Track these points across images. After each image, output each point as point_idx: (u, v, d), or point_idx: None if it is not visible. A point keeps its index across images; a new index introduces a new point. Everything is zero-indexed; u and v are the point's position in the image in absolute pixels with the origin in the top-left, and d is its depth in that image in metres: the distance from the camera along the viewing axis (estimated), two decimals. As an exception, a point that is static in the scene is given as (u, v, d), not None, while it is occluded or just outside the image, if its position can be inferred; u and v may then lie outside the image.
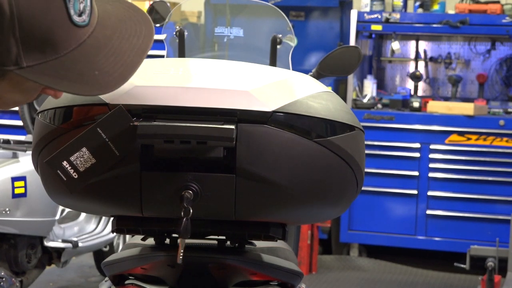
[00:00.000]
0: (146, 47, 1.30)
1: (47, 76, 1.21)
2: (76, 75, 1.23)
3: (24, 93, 1.27)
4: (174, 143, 1.66)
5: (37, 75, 1.20)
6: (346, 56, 2.85)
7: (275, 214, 1.78)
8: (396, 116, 6.38)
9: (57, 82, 1.22)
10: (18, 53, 1.18)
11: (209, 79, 1.74)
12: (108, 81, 1.25)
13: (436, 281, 5.95)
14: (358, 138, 1.80)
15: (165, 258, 1.89)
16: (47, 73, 1.21)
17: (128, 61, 1.27)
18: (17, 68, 1.19)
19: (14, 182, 4.20)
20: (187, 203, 1.66)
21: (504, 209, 6.13)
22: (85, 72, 1.23)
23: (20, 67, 1.19)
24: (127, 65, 1.27)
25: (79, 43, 1.23)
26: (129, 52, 1.27)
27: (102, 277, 5.34)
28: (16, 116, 5.59)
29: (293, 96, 1.73)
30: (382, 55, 7.26)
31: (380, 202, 6.37)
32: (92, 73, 1.23)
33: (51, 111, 1.76)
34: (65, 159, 1.65)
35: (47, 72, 1.21)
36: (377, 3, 6.70)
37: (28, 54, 1.19)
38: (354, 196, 1.85)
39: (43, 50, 1.20)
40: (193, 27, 5.38)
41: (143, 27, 1.34)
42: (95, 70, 1.23)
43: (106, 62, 1.24)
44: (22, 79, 1.22)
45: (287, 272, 1.97)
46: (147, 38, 1.32)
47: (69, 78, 1.22)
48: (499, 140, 6.17)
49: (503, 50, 6.89)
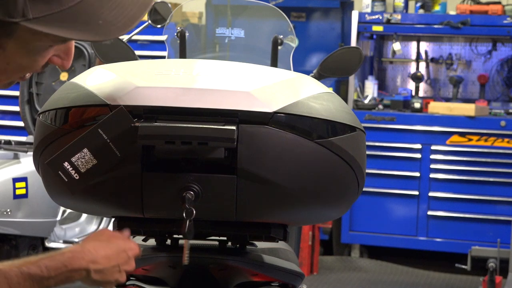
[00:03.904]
0: (148, 3, 1.35)
1: (53, 26, 1.26)
2: (80, 25, 1.28)
3: (30, 55, 1.31)
4: (175, 144, 1.66)
5: (43, 26, 1.25)
6: (347, 57, 2.85)
7: (276, 215, 1.78)
8: (397, 117, 6.38)
9: (62, 31, 1.27)
10: (24, 4, 1.23)
11: (210, 80, 1.74)
12: (111, 29, 1.30)
13: (437, 282, 5.95)
14: (359, 139, 1.80)
15: (167, 259, 1.89)
16: (54, 24, 1.26)
17: (131, 14, 1.32)
18: (24, 19, 1.24)
19: (15, 183, 4.20)
20: (188, 204, 1.66)
21: (505, 210, 6.13)
22: (89, 22, 1.28)
23: (26, 19, 1.24)
24: (130, 17, 1.32)
25: None
26: (132, 6, 1.32)
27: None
28: (17, 117, 5.59)
29: (294, 97, 1.73)
30: (383, 56, 7.25)
31: (381, 203, 6.37)
32: (96, 22, 1.28)
33: (52, 112, 1.76)
34: (66, 160, 1.66)
35: (53, 23, 1.26)
36: (378, 4, 6.70)
37: (34, 6, 1.24)
38: (355, 197, 1.85)
39: (49, 2, 1.25)
40: (194, 28, 5.38)
41: None
42: (99, 20, 1.28)
43: (109, 14, 1.29)
44: (29, 38, 1.27)
45: (288, 273, 1.97)
46: None
47: (74, 27, 1.27)
48: (500, 141, 6.17)
49: (504, 51, 6.89)
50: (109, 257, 1.65)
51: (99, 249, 1.64)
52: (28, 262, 1.58)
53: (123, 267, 1.67)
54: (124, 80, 1.73)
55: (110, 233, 1.71)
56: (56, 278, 1.59)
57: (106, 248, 1.65)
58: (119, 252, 1.67)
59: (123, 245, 1.68)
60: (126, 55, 2.90)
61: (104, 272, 1.64)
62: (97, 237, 1.69)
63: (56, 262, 1.59)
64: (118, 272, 1.67)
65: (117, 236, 1.70)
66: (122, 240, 1.70)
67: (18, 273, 1.55)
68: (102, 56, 2.95)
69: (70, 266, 1.60)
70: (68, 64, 1.39)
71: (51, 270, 1.58)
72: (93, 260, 1.63)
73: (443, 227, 6.27)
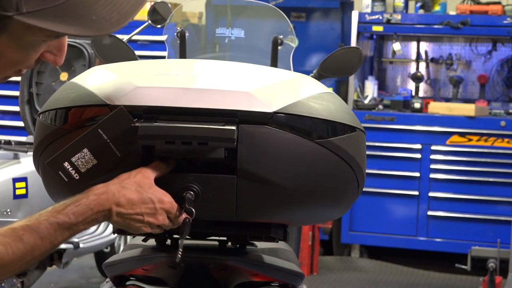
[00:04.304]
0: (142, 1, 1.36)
1: (46, 21, 1.26)
2: (74, 20, 1.28)
3: (23, 50, 1.32)
4: (175, 144, 1.66)
5: (37, 20, 1.26)
6: (347, 57, 2.85)
7: (276, 215, 1.78)
8: (397, 117, 6.38)
9: (55, 25, 1.27)
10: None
11: (210, 80, 1.75)
12: (104, 25, 1.31)
13: (437, 282, 5.95)
14: (359, 139, 1.80)
15: (166, 259, 1.89)
16: (47, 19, 1.26)
17: (124, 10, 1.32)
18: (18, 13, 1.25)
19: (15, 183, 4.20)
20: (189, 204, 1.66)
21: (505, 210, 6.13)
22: (83, 17, 1.28)
23: (20, 13, 1.25)
24: (123, 14, 1.32)
25: None
26: (125, 3, 1.33)
27: (103, 278, 5.34)
28: (17, 117, 5.60)
29: (294, 97, 1.73)
30: (383, 56, 7.25)
31: (381, 203, 6.37)
32: (89, 18, 1.29)
33: (52, 112, 1.76)
34: (66, 160, 1.66)
35: (47, 18, 1.26)
36: (378, 4, 6.70)
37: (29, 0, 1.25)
38: (355, 197, 1.85)
39: None
40: (194, 28, 5.38)
41: None
42: (92, 15, 1.29)
43: (103, 10, 1.30)
44: (23, 33, 1.28)
45: (288, 273, 1.97)
46: None
47: (67, 22, 1.28)
48: (500, 141, 6.17)
49: (504, 51, 6.89)
50: (133, 203, 1.61)
51: (125, 192, 1.61)
52: (54, 211, 1.58)
53: (147, 218, 1.62)
54: (124, 80, 1.73)
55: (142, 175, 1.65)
56: (84, 221, 1.59)
57: (133, 192, 1.61)
58: (146, 201, 1.62)
59: (153, 195, 1.63)
60: (126, 55, 2.90)
61: (125, 217, 1.61)
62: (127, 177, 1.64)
63: (82, 207, 1.58)
64: (141, 222, 1.62)
65: (149, 183, 1.64)
66: (154, 188, 1.64)
67: (47, 225, 1.56)
68: (102, 56, 2.95)
69: (95, 208, 1.59)
70: (61, 61, 1.39)
71: (79, 216, 1.58)
72: (117, 202, 1.60)
73: (443, 227, 6.27)
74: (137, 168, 1.66)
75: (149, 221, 1.63)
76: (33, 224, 1.56)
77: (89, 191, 1.61)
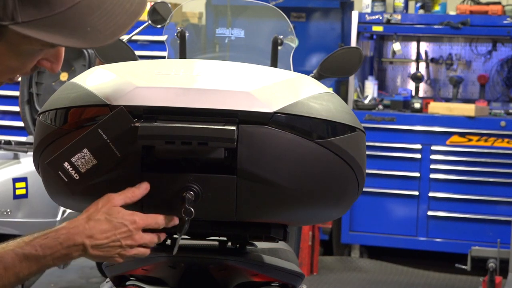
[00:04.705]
0: (138, 12, 1.35)
1: (41, 31, 1.26)
2: (68, 31, 1.28)
3: (19, 58, 1.32)
4: (175, 144, 1.66)
5: (32, 30, 1.25)
6: (347, 57, 2.85)
7: (276, 215, 1.78)
8: (397, 117, 6.38)
9: (50, 36, 1.27)
10: (14, 8, 1.24)
11: (210, 80, 1.75)
12: (99, 37, 1.30)
13: (437, 282, 5.95)
14: (359, 139, 1.80)
15: (166, 259, 1.89)
16: (42, 29, 1.26)
17: (120, 23, 1.32)
18: (13, 23, 1.24)
19: (15, 183, 4.20)
20: (188, 204, 1.66)
21: (505, 210, 6.13)
22: (78, 29, 1.28)
23: (15, 22, 1.25)
24: (118, 26, 1.32)
25: (74, 3, 1.28)
26: (121, 15, 1.32)
27: (103, 278, 5.34)
28: (17, 117, 5.60)
29: (294, 97, 1.73)
30: (383, 56, 7.25)
31: (381, 203, 6.37)
32: (84, 29, 1.29)
33: (52, 112, 1.76)
34: (66, 160, 1.66)
35: (42, 28, 1.26)
36: (378, 4, 6.70)
37: (24, 10, 1.24)
38: (355, 197, 1.85)
39: (39, 7, 1.25)
40: (194, 28, 5.38)
41: None
42: (87, 27, 1.29)
43: (98, 21, 1.29)
44: (19, 41, 1.28)
45: (288, 273, 1.97)
46: (140, 5, 1.36)
47: (62, 33, 1.28)
48: (500, 141, 6.17)
49: (504, 51, 6.89)
50: (107, 232, 1.58)
51: (95, 223, 1.58)
52: (22, 242, 1.55)
53: (124, 242, 1.60)
54: (124, 80, 1.73)
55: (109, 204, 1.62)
56: (53, 256, 1.55)
57: (103, 222, 1.58)
58: (118, 227, 1.59)
59: (123, 219, 1.60)
60: (126, 55, 2.90)
61: (102, 247, 1.58)
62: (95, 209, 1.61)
63: (50, 240, 1.55)
64: (120, 246, 1.59)
65: (117, 209, 1.61)
66: (122, 212, 1.61)
67: (12, 255, 1.53)
68: (102, 56, 2.95)
69: (65, 243, 1.56)
70: (58, 68, 1.38)
71: (46, 249, 1.55)
72: (89, 235, 1.57)
73: (443, 227, 6.27)
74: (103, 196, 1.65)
75: (128, 244, 1.61)
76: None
77: (59, 226, 1.59)
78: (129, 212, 1.62)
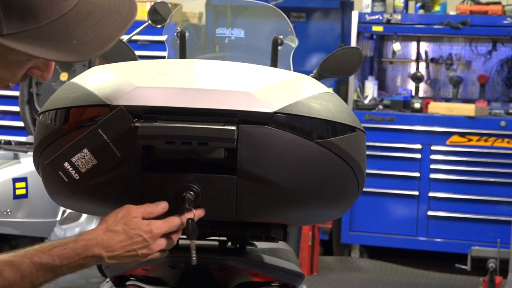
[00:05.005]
0: (127, 23, 1.33)
1: (26, 44, 1.25)
2: (54, 43, 1.26)
3: (8, 68, 1.31)
4: (175, 144, 1.66)
5: (17, 42, 1.24)
6: (347, 57, 2.85)
7: (276, 215, 1.78)
8: (397, 117, 6.38)
9: (35, 49, 1.25)
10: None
11: (210, 80, 1.74)
12: (85, 50, 1.29)
13: (437, 282, 5.95)
14: (359, 139, 1.80)
15: (166, 259, 1.89)
16: (27, 42, 1.25)
17: (107, 34, 1.30)
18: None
19: (15, 183, 4.20)
20: (189, 204, 1.66)
21: (505, 210, 6.13)
22: (63, 41, 1.27)
23: (1, 35, 1.23)
24: (106, 37, 1.30)
25: (61, 14, 1.26)
26: (109, 26, 1.30)
27: (103, 278, 5.34)
28: (17, 117, 5.60)
29: (294, 97, 1.73)
30: (383, 56, 7.25)
31: (381, 203, 6.37)
32: (70, 42, 1.27)
33: (52, 112, 1.76)
34: (66, 160, 1.66)
35: (27, 40, 1.25)
36: (378, 4, 6.70)
37: (9, 22, 1.23)
38: (355, 197, 1.85)
39: (25, 19, 1.24)
40: (194, 28, 5.38)
41: (126, 4, 1.37)
42: (73, 39, 1.27)
43: (85, 33, 1.28)
44: (5, 52, 1.26)
45: (288, 273, 1.97)
46: (129, 15, 1.35)
47: (48, 46, 1.26)
48: (500, 141, 6.17)
49: (504, 51, 6.89)
50: (123, 242, 1.60)
51: (113, 235, 1.59)
52: (40, 251, 1.57)
53: (140, 251, 1.61)
54: (124, 80, 1.73)
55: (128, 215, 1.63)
56: (69, 266, 1.57)
57: (121, 233, 1.59)
58: (133, 237, 1.60)
59: (140, 230, 1.61)
60: (126, 55, 2.90)
61: (118, 257, 1.60)
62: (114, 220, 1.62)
63: (68, 250, 1.57)
64: (136, 256, 1.61)
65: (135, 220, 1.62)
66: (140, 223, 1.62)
67: (29, 264, 1.54)
68: (102, 56, 2.95)
69: (83, 254, 1.57)
70: (48, 76, 1.37)
71: (64, 259, 1.56)
72: (107, 246, 1.58)
73: (443, 227, 6.27)
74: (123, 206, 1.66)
75: (144, 253, 1.63)
76: (16, 261, 1.55)
77: (78, 236, 1.60)
78: (146, 223, 1.63)
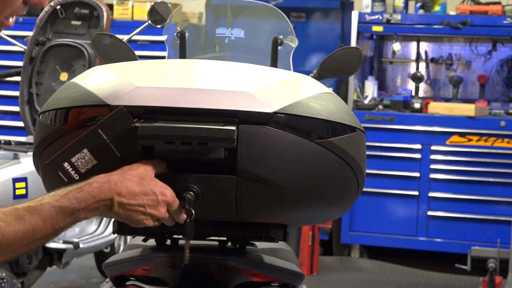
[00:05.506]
0: None
1: None
2: None
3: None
4: (175, 144, 1.66)
5: None
6: (347, 57, 2.85)
7: (276, 215, 1.78)
8: (397, 117, 6.38)
9: None
10: None
11: (210, 80, 1.75)
12: None
13: (437, 282, 5.95)
14: (359, 139, 1.80)
15: (166, 259, 1.89)
16: None
17: None
18: None
19: (15, 183, 4.20)
20: (189, 204, 1.66)
21: (505, 210, 6.13)
22: None
23: None
24: None
25: None
26: None
27: (103, 278, 5.34)
28: (17, 117, 5.60)
29: (294, 97, 1.73)
30: (383, 56, 7.25)
31: (381, 203, 6.37)
32: None
33: (52, 112, 1.76)
34: (66, 161, 1.66)
35: None
36: (378, 4, 6.70)
37: None
38: (355, 197, 1.85)
39: None
40: (194, 28, 5.38)
41: None
42: None
43: None
44: None
45: (288, 273, 1.97)
46: None
47: None
48: (500, 141, 6.17)
49: (504, 51, 6.89)
50: (135, 194, 1.61)
51: (128, 182, 1.60)
52: (57, 195, 1.58)
53: (149, 210, 1.62)
54: (124, 80, 1.73)
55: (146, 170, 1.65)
56: (86, 209, 1.58)
57: (135, 184, 1.61)
58: (148, 193, 1.62)
59: (155, 187, 1.63)
60: (126, 55, 2.90)
61: (127, 207, 1.61)
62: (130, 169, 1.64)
63: (84, 193, 1.58)
64: (143, 214, 1.62)
65: (152, 177, 1.64)
66: (156, 181, 1.64)
67: (49, 208, 1.56)
68: (102, 56, 2.96)
69: (97, 196, 1.58)
70: (45, 2, 1.43)
71: (81, 202, 1.57)
72: (118, 192, 1.59)
73: (443, 227, 6.27)
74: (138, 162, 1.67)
75: (151, 213, 1.63)
76: (36, 206, 1.56)
77: (92, 180, 1.61)
78: (161, 183, 1.65)
